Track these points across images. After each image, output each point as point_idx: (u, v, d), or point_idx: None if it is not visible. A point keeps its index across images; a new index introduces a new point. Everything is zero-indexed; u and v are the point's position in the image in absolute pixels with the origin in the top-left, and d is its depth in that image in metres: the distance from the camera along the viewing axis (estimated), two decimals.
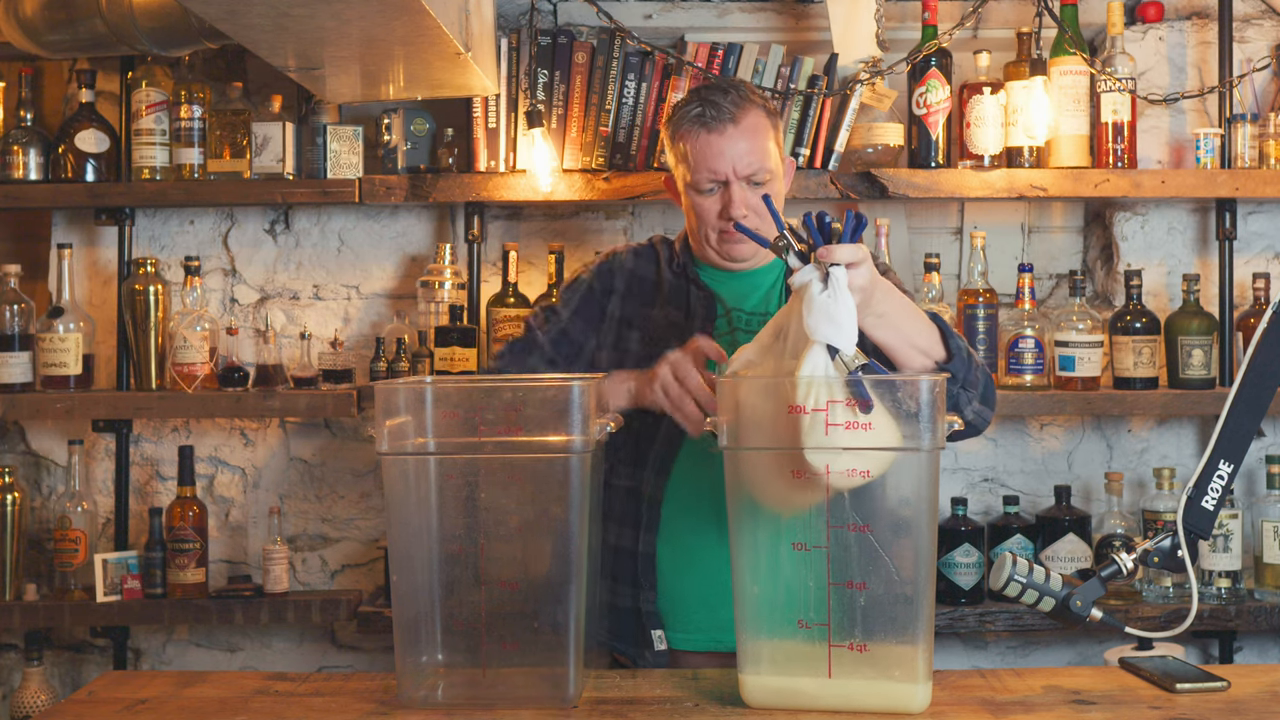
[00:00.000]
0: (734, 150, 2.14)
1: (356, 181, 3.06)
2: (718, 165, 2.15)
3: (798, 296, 1.71)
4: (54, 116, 3.32)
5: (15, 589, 3.09)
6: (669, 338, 2.16)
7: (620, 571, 2.19)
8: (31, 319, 3.10)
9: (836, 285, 1.68)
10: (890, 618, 1.64)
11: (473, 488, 1.73)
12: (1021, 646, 3.29)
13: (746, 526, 1.69)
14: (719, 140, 2.14)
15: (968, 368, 2.02)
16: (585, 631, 1.74)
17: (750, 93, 2.20)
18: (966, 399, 2.03)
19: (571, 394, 1.70)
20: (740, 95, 2.18)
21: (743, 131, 2.15)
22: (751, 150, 2.15)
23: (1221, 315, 3.14)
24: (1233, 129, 3.09)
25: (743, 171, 2.15)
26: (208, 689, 1.82)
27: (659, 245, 2.34)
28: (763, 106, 2.20)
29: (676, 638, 2.18)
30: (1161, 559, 1.78)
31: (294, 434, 3.30)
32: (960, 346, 2.01)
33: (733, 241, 2.18)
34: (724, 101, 2.15)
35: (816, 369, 1.65)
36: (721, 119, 2.14)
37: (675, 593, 2.17)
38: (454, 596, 1.71)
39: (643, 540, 2.16)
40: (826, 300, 1.67)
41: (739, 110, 2.15)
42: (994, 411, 2.11)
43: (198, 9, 2.19)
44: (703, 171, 2.16)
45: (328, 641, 3.32)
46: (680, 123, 2.19)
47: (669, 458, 2.17)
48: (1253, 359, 1.79)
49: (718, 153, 2.14)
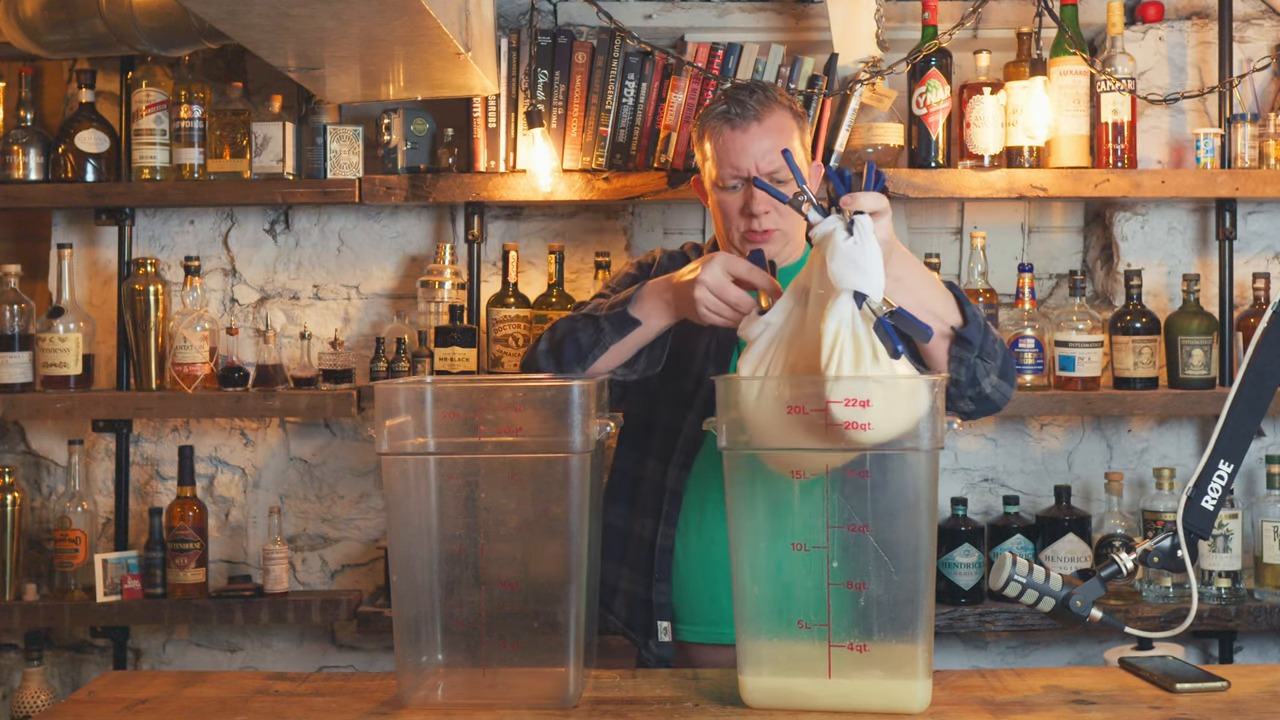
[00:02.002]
0: (757, 148, 2.17)
1: (356, 181, 3.06)
2: (740, 162, 2.18)
3: (818, 250, 1.68)
4: (54, 116, 3.32)
5: (15, 589, 3.09)
6: (694, 329, 2.19)
7: (638, 561, 2.27)
8: (31, 319, 3.10)
9: (863, 231, 1.64)
10: (890, 618, 1.64)
11: (473, 488, 1.74)
12: (1021, 646, 3.29)
13: (747, 526, 1.69)
14: (743, 137, 2.18)
15: (984, 336, 2.02)
16: (586, 630, 1.74)
17: (778, 94, 2.24)
18: (985, 370, 2.03)
19: (571, 394, 1.70)
20: (767, 95, 2.22)
21: (766, 130, 2.18)
22: (775, 148, 2.17)
23: (1221, 315, 3.14)
24: (1233, 129, 3.09)
25: (765, 169, 2.17)
26: (208, 689, 1.82)
27: (690, 251, 2.41)
28: (789, 109, 2.24)
29: (684, 629, 2.25)
30: (1161, 559, 1.78)
31: (294, 434, 3.30)
32: (977, 314, 2.02)
33: (756, 240, 2.20)
34: (750, 100, 2.20)
35: (843, 320, 1.62)
36: (746, 116, 2.18)
37: (687, 585, 2.24)
38: (454, 596, 1.71)
39: (661, 533, 2.24)
40: (852, 247, 1.63)
41: (764, 109, 2.19)
42: (1014, 389, 2.11)
43: (198, 9, 2.19)
44: (726, 168, 2.19)
45: (328, 641, 3.32)
46: (707, 120, 2.23)
47: (691, 452, 2.24)
48: (1253, 359, 1.79)
49: (741, 149, 2.18)
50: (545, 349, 2.18)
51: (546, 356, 2.18)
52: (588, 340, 2.14)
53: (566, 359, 2.15)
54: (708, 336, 2.25)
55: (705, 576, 2.23)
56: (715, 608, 2.22)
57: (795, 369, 1.72)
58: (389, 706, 1.72)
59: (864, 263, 1.63)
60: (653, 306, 2.11)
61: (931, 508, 1.65)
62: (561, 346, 2.16)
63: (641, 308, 2.12)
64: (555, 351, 2.17)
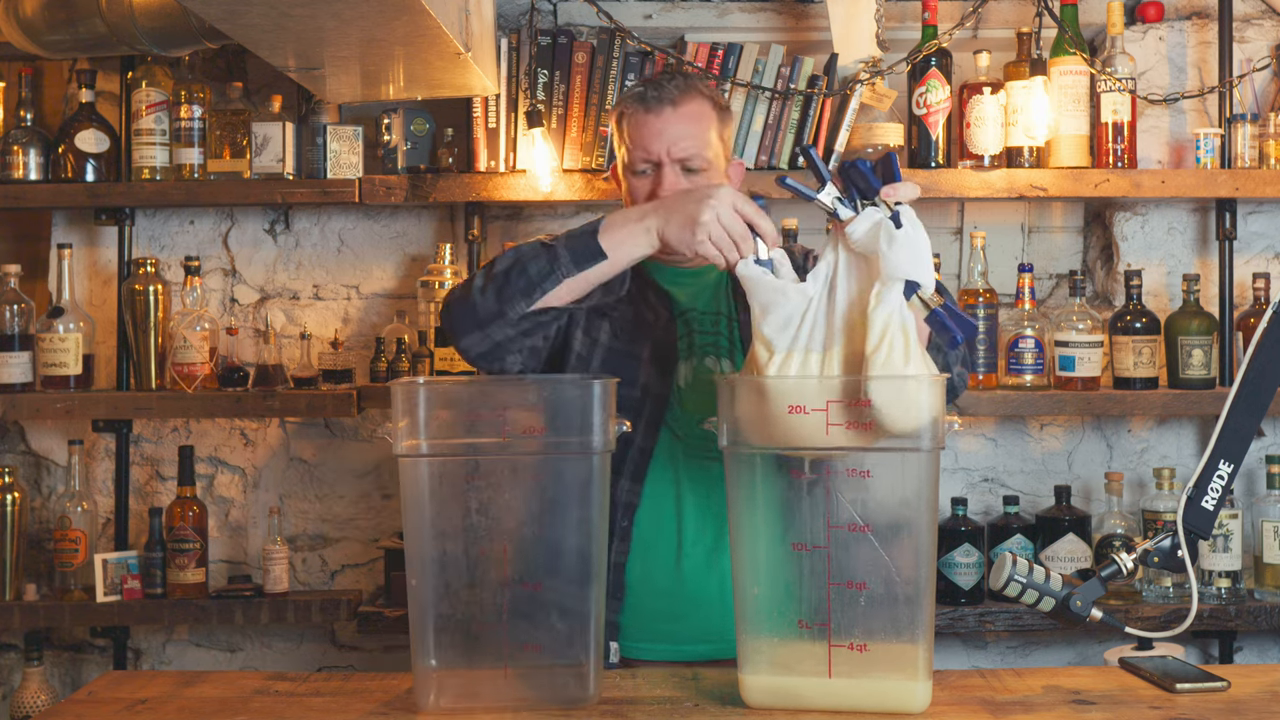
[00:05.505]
0: (670, 132, 2.10)
1: (356, 181, 3.05)
2: (652, 145, 2.10)
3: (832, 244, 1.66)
4: (54, 116, 3.32)
5: (15, 589, 3.09)
6: (634, 334, 2.13)
7: None
8: (31, 319, 3.10)
9: (912, 221, 1.62)
10: (890, 618, 1.64)
11: (494, 488, 1.71)
12: (1021, 646, 3.29)
13: (747, 526, 1.69)
14: (655, 120, 2.10)
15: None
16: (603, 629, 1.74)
17: (699, 83, 2.17)
18: (955, 357, 2.00)
19: (593, 393, 1.69)
20: (687, 82, 2.15)
21: (681, 115, 2.11)
22: (688, 135, 2.10)
23: (1221, 315, 3.14)
24: (1233, 129, 3.09)
25: (676, 154, 2.10)
26: (208, 689, 1.82)
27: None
28: (709, 99, 2.16)
29: (634, 647, 2.12)
30: (1161, 559, 1.78)
31: (294, 434, 3.30)
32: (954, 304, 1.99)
33: None
34: (668, 85, 2.13)
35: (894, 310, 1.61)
36: (661, 100, 2.11)
37: (638, 603, 2.11)
38: (473, 597, 1.70)
39: (615, 549, 2.09)
40: (908, 236, 1.61)
41: (680, 95, 2.12)
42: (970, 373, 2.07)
43: (198, 9, 2.19)
44: (638, 150, 2.12)
45: (328, 641, 3.32)
46: (622, 103, 2.17)
47: (643, 463, 2.11)
48: (1253, 359, 1.79)
49: (654, 133, 2.10)
50: (482, 284, 1.98)
51: (483, 292, 1.97)
52: (538, 271, 1.93)
53: (511, 293, 1.95)
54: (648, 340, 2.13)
55: (657, 594, 2.10)
56: (667, 625, 2.10)
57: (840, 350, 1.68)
58: (389, 707, 1.72)
59: (919, 253, 1.62)
60: (627, 235, 1.93)
61: (932, 508, 1.65)
62: (508, 278, 1.96)
63: (611, 237, 1.94)
64: (498, 284, 1.96)
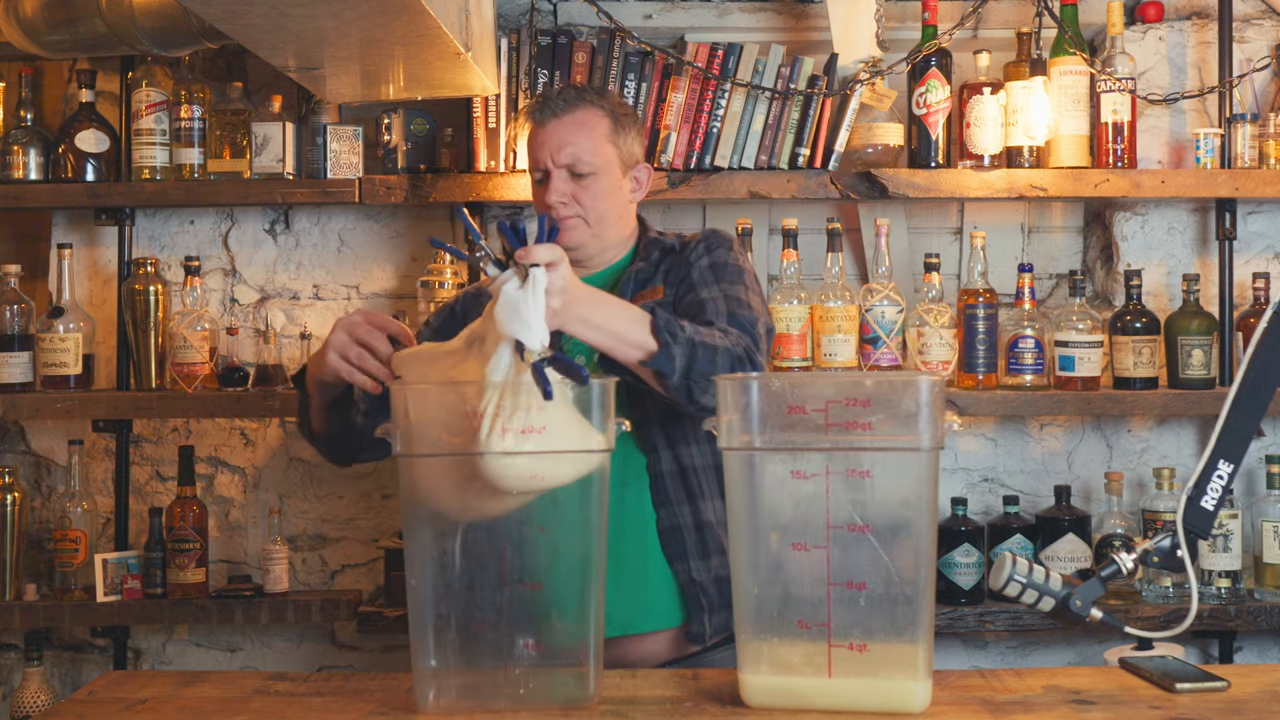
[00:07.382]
0: (554, 140, 2.21)
1: (356, 181, 3.05)
2: (539, 154, 2.23)
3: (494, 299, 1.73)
4: (54, 116, 3.32)
5: (15, 589, 3.09)
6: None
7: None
8: (31, 319, 3.10)
9: (534, 283, 1.70)
10: (890, 618, 1.64)
11: (493, 488, 1.71)
12: (1021, 646, 3.29)
13: (746, 526, 1.69)
14: (541, 132, 2.24)
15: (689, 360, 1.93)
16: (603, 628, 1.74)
17: (591, 94, 2.26)
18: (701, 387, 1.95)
19: (593, 394, 1.70)
20: (578, 94, 2.26)
21: (565, 124, 2.22)
22: (571, 142, 2.20)
23: (1221, 315, 3.14)
24: (1233, 129, 3.09)
25: (560, 160, 2.20)
26: (208, 689, 1.82)
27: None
28: (601, 107, 2.25)
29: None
30: (1161, 559, 1.78)
31: (294, 434, 3.30)
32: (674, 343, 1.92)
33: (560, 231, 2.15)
34: (557, 98, 2.25)
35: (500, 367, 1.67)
36: (546, 111, 2.23)
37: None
38: (474, 598, 1.70)
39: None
40: (518, 297, 1.69)
41: (568, 105, 2.23)
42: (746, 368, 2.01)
43: (198, 9, 2.19)
44: (531, 161, 2.26)
45: (328, 641, 3.32)
46: (517, 120, 2.27)
47: None
48: (1253, 359, 1.79)
49: (540, 143, 2.24)
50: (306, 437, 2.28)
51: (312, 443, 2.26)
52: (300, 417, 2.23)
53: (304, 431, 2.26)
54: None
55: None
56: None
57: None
58: (389, 707, 1.72)
59: (526, 312, 1.68)
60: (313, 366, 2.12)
61: (931, 508, 1.65)
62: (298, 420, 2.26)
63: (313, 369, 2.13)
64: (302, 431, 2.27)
